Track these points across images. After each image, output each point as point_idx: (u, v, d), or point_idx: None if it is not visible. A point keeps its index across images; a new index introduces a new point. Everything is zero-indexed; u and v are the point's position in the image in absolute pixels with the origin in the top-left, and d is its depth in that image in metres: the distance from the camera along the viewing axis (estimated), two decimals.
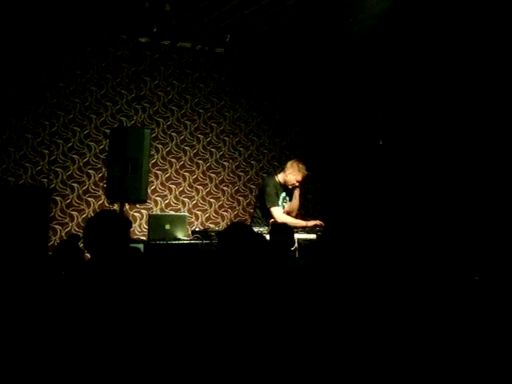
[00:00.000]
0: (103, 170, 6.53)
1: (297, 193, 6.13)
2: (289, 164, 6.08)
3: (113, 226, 2.82)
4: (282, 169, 6.26)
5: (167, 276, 2.98)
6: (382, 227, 6.87)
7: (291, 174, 6.01)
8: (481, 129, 6.57)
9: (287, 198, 6.16)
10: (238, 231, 3.22)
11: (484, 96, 6.53)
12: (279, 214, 5.95)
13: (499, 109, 6.41)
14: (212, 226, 7.12)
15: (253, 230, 3.32)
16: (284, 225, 4.80)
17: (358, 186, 8.19)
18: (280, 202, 6.07)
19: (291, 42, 6.96)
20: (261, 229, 5.60)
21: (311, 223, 5.90)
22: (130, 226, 3.03)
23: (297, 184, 6.03)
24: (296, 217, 6.19)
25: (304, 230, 5.76)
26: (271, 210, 5.94)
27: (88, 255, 2.89)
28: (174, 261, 5.43)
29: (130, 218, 6.72)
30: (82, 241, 2.95)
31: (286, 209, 6.15)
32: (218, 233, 5.28)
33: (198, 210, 7.21)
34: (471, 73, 6.49)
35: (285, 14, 5.93)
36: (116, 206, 5.99)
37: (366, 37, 6.37)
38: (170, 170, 7.08)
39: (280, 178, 6.10)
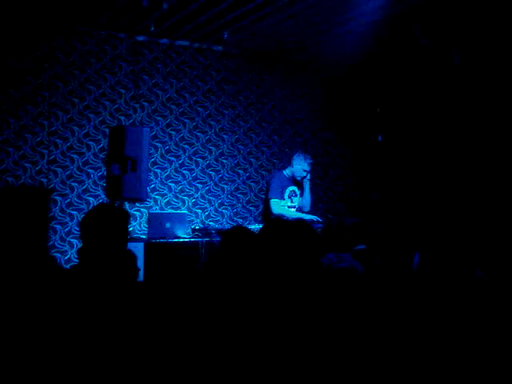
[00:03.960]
0: (102, 169, 6.53)
1: (307, 186, 6.21)
2: (293, 156, 6.23)
3: (111, 219, 2.81)
4: (288, 164, 6.39)
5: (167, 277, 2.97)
6: (383, 223, 6.88)
7: (297, 165, 6.13)
8: (480, 124, 6.58)
9: (297, 192, 6.23)
10: (239, 237, 3.19)
11: (484, 91, 6.53)
12: (277, 205, 6.02)
13: (499, 104, 6.42)
14: (212, 223, 7.13)
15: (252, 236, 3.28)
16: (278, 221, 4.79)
17: (358, 183, 8.21)
18: (286, 195, 6.14)
19: (289, 38, 6.95)
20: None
21: (308, 218, 5.91)
22: (129, 219, 3.01)
23: (304, 174, 6.11)
24: (309, 212, 6.25)
25: None
26: (270, 201, 6.03)
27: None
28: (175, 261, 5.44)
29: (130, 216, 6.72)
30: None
31: (298, 204, 6.23)
32: (220, 232, 5.28)
33: (197, 208, 7.22)
34: (471, 69, 6.50)
35: (282, 10, 5.92)
36: (116, 205, 5.99)
37: (363, 32, 6.36)
38: (169, 169, 7.08)
39: (288, 171, 6.23)
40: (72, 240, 6.40)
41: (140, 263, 4.39)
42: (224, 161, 7.44)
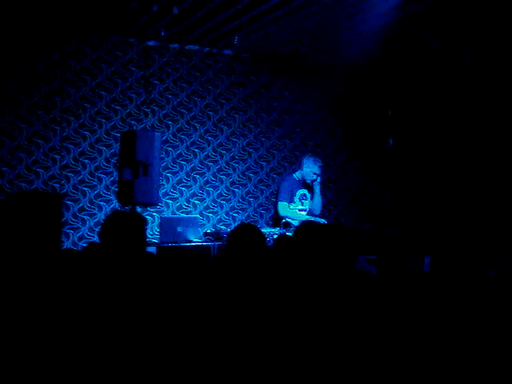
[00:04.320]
0: (114, 173, 6.55)
1: (317, 189, 6.18)
2: (304, 159, 6.19)
3: (129, 225, 2.82)
4: (298, 167, 6.37)
5: (176, 279, 2.96)
6: (394, 227, 6.85)
7: (307, 168, 6.09)
8: (493, 126, 6.54)
9: (308, 196, 6.21)
10: (246, 233, 3.19)
11: (496, 92, 6.49)
12: (284, 208, 6.01)
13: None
14: (223, 227, 7.13)
15: (259, 232, 3.27)
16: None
17: (370, 186, 8.18)
18: (297, 198, 6.12)
19: (299, 42, 6.94)
20: (272, 230, 5.62)
21: (315, 220, 5.88)
22: (146, 224, 3.02)
23: (314, 177, 6.08)
24: (320, 215, 6.23)
25: None
26: (278, 203, 6.02)
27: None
28: (185, 264, 5.44)
29: None
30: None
31: (309, 208, 6.20)
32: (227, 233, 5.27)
33: (209, 212, 7.22)
34: (483, 70, 6.46)
35: (294, 12, 5.91)
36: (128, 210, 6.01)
37: (374, 34, 6.34)
38: (180, 173, 7.09)
39: (298, 174, 6.20)
40: (84, 245, 6.41)
41: None
42: (235, 165, 7.44)
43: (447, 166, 7.17)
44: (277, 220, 6.13)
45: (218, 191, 7.31)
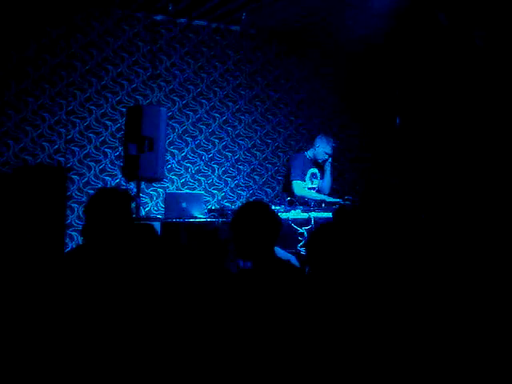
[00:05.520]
0: (120, 148, 6.55)
1: (328, 169, 6.14)
2: (317, 138, 6.14)
3: (114, 201, 2.80)
4: (310, 145, 6.30)
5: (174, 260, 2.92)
6: (399, 212, 6.82)
7: (320, 147, 6.05)
8: (503, 108, 6.48)
9: (318, 175, 6.17)
10: (253, 212, 3.10)
11: (507, 74, 6.42)
12: (299, 187, 5.96)
13: None
14: (228, 204, 7.14)
15: (269, 210, 3.18)
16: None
17: (376, 167, 8.15)
18: (307, 177, 6.09)
19: (308, 18, 6.88)
20: (278, 207, 5.60)
21: (330, 199, 5.85)
22: (131, 200, 2.99)
23: (326, 156, 6.05)
24: (329, 195, 6.18)
25: (322, 206, 5.72)
26: (292, 183, 5.98)
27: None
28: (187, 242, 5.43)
29: (147, 196, 6.75)
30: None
31: (318, 187, 6.17)
32: (233, 211, 5.26)
33: (213, 189, 7.22)
34: (493, 51, 6.39)
35: None
36: (133, 185, 6.02)
37: (383, 12, 6.27)
38: (186, 149, 7.08)
39: (310, 153, 6.15)
40: None
41: None
42: (241, 142, 7.43)
43: (455, 147, 7.13)
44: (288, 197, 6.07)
45: (223, 168, 7.30)
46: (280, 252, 3.87)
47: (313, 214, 5.31)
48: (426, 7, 6.04)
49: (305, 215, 5.34)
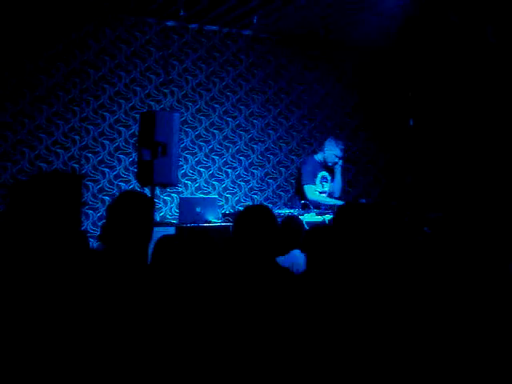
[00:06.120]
0: (133, 154, 6.57)
1: (338, 172, 6.13)
2: (326, 141, 6.14)
3: (136, 205, 2.79)
4: (320, 149, 6.32)
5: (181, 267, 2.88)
6: (412, 210, 6.80)
7: (329, 150, 6.04)
8: None
9: (328, 178, 6.16)
10: (254, 216, 3.04)
11: None
12: (310, 191, 5.96)
13: None
14: (242, 208, 7.12)
15: (271, 215, 3.05)
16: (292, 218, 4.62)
17: (389, 167, 8.12)
18: (318, 181, 6.07)
19: (319, 21, 6.87)
20: (291, 211, 5.60)
21: (341, 204, 5.83)
22: (153, 206, 2.98)
23: (336, 159, 6.04)
24: (339, 198, 6.16)
25: (334, 209, 5.70)
26: (303, 187, 5.98)
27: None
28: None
29: (161, 201, 6.77)
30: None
31: (329, 190, 6.16)
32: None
33: (227, 193, 7.22)
34: (506, 50, 6.35)
35: None
36: (147, 190, 6.03)
37: (395, 13, 6.25)
38: (199, 154, 7.09)
39: (319, 156, 6.15)
40: None
41: None
42: (254, 146, 7.42)
43: (468, 147, 7.08)
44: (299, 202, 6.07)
45: (237, 172, 7.30)
46: (296, 255, 3.87)
47: (327, 217, 5.33)
48: (437, 9, 6.01)
49: (319, 218, 5.35)
